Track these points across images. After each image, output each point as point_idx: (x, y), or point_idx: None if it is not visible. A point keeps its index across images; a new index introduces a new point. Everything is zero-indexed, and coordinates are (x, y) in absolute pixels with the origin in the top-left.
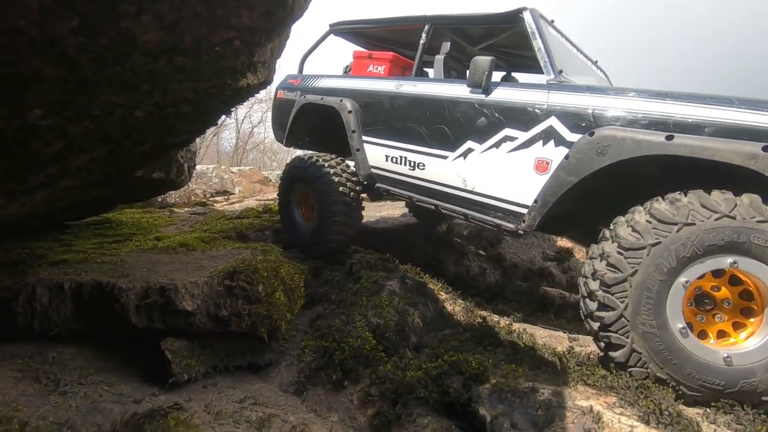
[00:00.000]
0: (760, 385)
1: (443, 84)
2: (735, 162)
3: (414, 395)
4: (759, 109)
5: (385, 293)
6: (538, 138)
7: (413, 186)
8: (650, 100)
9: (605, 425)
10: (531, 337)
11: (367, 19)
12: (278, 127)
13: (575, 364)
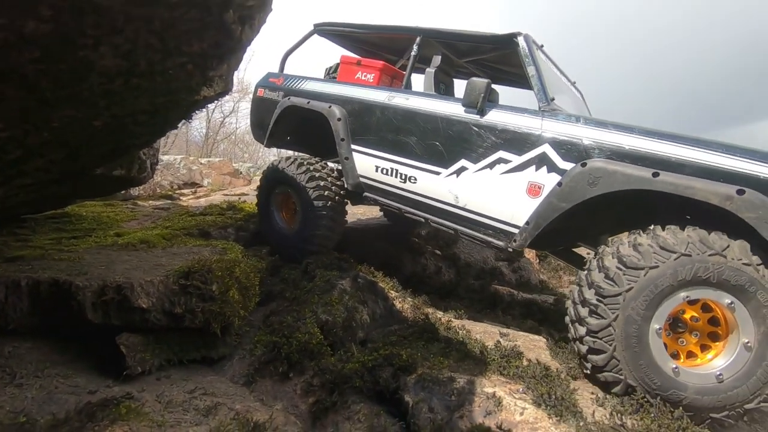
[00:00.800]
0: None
1: (437, 100)
2: (713, 202)
3: (350, 385)
4: (734, 155)
5: (336, 292)
6: (532, 163)
7: (403, 198)
8: (638, 137)
9: (503, 408)
10: (467, 333)
11: (355, 23)
12: (258, 125)
13: (499, 356)
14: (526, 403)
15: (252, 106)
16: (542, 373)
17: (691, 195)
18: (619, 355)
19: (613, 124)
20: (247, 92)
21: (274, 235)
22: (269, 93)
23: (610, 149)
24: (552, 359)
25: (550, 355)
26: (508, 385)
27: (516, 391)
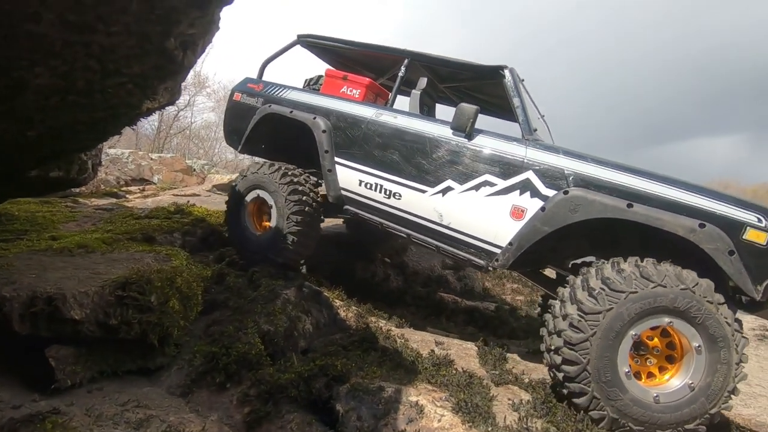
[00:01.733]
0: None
1: (425, 122)
2: (679, 233)
3: (285, 395)
4: (694, 192)
5: (279, 301)
6: (516, 188)
7: (386, 213)
8: (614, 170)
9: (425, 415)
10: (404, 341)
11: (341, 39)
12: (233, 130)
13: (431, 365)
14: (446, 410)
15: (227, 110)
16: (466, 380)
17: (661, 226)
18: (591, 368)
19: (591, 157)
20: (204, 86)
21: (242, 241)
22: (247, 98)
23: (588, 180)
24: (480, 367)
25: (479, 362)
26: (433, 393)
27: (439, 399)
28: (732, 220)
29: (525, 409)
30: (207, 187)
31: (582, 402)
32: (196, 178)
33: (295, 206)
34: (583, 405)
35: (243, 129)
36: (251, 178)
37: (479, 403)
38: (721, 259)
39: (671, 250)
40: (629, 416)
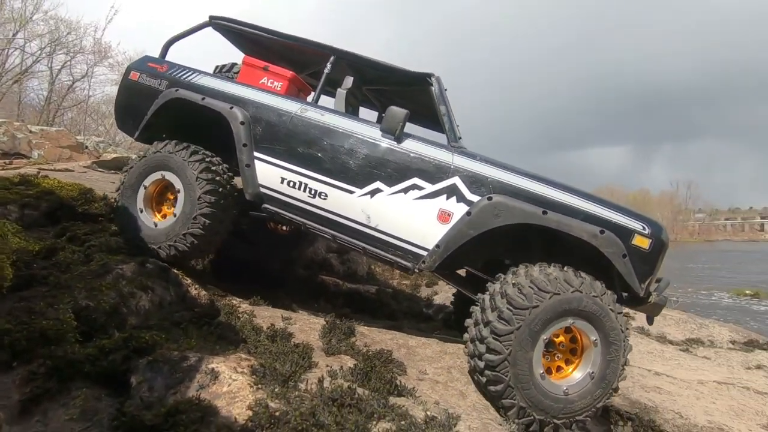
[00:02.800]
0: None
1: (354, 121)
2: (584, 238)
3: (78, 370)
4: (595, 203)
5: (111, 276)
6: (443, 192)
7: (310, 213)
8: (530, 180)
9: (218, 381)
10: (249, 317)
11: (261, 27)
12: (127, 113)
13: (265, 337)
14: (242, 375)
15: (121, 90)
16: (289, 350)
17: (569, 231)
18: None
19: (510, 167)
20: (105, 55)
21: (134, 229)
22: (147, 79)
23: (508, 188)
24: (319, 339)
25: (319, 335)
26: (244, 361)
27: (243, 367)
28: (624, 228)
29: (341, 374)
30: (86, 163)
31: (497, 390)
32: (88, 156)
33: (208, 186)
34: (497, 393)
35: (141, 113)
36: (154, 157)
37: (279, 367)
38: (617, 261)
39: (569, 252)
40: (537, 407)
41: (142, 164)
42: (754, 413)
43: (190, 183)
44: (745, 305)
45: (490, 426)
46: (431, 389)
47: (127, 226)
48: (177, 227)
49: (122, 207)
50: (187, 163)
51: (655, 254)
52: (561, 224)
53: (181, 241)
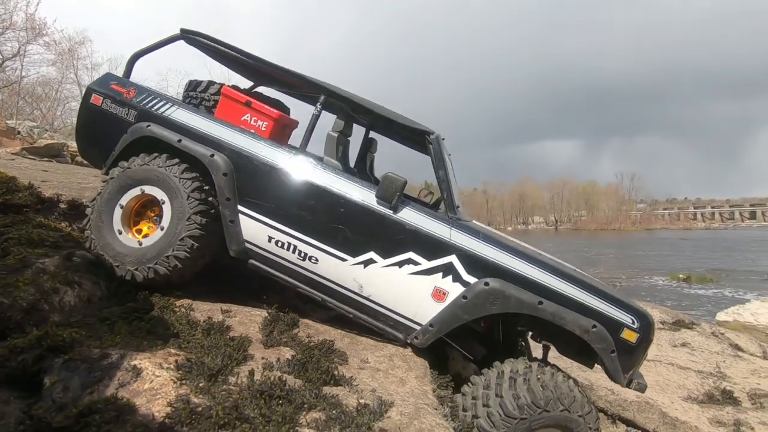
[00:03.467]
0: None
1: (348, 182)
2: (576, 332)
3: None
4: (589, 292)
5: (30, 271)
6: (439, 270)
7: (300, 275)
8: (527, 264)
9: (140, 378)
10: (186, 312)
11: (242, 50)
12: (89, 142)
13: (200, 331)
14: (167, 371)
15: (82, 115)
16: (223, 343)
17: (563, 324)
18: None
19: (510, 247)
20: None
21: (111, 249)
22: (112, 107)
23: (506, 272)
24: (258, 332)
25: (259, 328)
26: (172, 357)
27: (171, 362)
28: (615, 321)
29: (278, 366)
30: (15, 150)
31: None
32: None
33: (199, 206)
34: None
35: (105, 144)
36: (137, 171)
37: (208, 361)
38: (605, 357)
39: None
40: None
41: (120, 178)
42: (676, 387)
43: (179, 201)
44: (677, 288)
45: (423, 410)
46: (371, 377)
47: (104, 246)
48: (159, 245)
49: (97, 219)
50: (179, 180)
51: (642, 348)
52: (556, 317)
53: (163, 264)
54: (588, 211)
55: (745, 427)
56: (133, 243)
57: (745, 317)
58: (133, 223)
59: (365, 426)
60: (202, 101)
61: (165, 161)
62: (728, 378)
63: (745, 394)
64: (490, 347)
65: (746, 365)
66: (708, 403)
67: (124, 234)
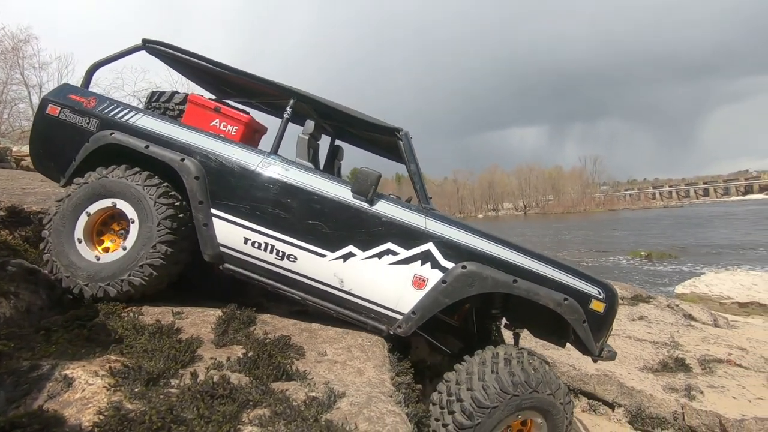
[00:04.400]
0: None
1: (322, 179)
2: (550, 305)
3: None
4: (558, 269)
5: None
6: (417, 258)
7: (278, 275)
8: (500, 246)
9: (72, 387)
10: (134, 316)
11: (207, 58)
12: (46, 154)
13: (147, 334)
14: (102, 379)
15: (38, 127)
16: (168, 346)
17: (537, 299)
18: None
19: (482, 233)
20: None
21: (72, 264)
22: (71, 116)
23: (480, 255)
24: (210, 332)
25: (212, 328)
26: (111, 363)
27: (108, 369)
28: (583, 293)
29: (228, 365)
30: None
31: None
32: None
33: (168, 211)
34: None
35: (63, 155)
36: (100, 183)
37: (147, 366)
38: (577, 327)
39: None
40: None
41: (82, 191)
42: (633, 358)
43: (146, 209)
44: (638, 265)
45: (375, 399)
46: (328, 370)
47: (64, 261)
48: (128, 258)
49: (57, 233)
50: (143, 188)
51: (609, 317)
52: (530, 293)
53: (137, 274)
54: (555, 195)
55: (695, 391)
56: (90, 256)
57: (701, 289)
58: (96, 233)
59: (312, 418)
60: (166, 111)
61: (125, 171)
62: (681, 347)
63: (696, 360)
64: (464, 340)
65: (698, 333)
66: (662, 371)
67: (83, 244)
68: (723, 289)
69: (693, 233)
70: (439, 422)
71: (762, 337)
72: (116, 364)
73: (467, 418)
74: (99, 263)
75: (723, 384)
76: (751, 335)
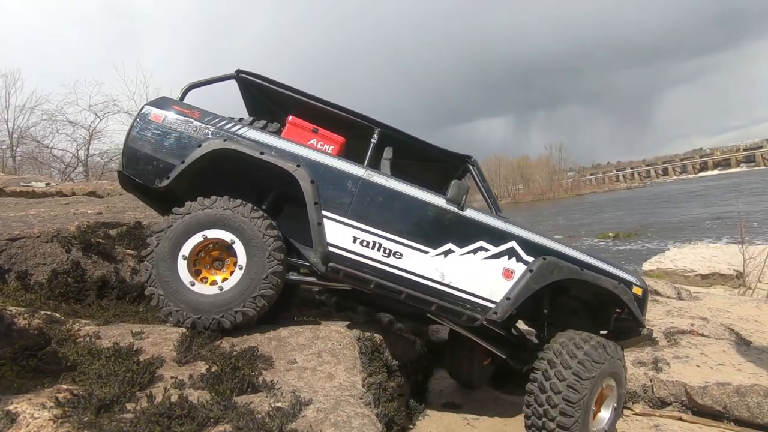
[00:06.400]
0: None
1: (417, 189)
2: (609, 288)
3: None
4: (608, 263)
5: None
6: (505, 253)
7: (383, 272)
8: (563, 245)
9: (17, 423)
10: (92, 340)
11: (295, 88)
12: (145, 158)
13: (104, 359)
14: (49, 411)
15: (138, 132)
16: (125, 369)
17: (599, 284)
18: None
19: (545, 235)
20: None
21: (182, 295)
22: (176, 124)
23: (552, 250)
24: (173, 350)
25: (175, 346)
26: (61, 393)
27: (51, 401)
28: (627, 281)
29: (190, 383)
30: None
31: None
32: None
33: (275, 242)
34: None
35: (167, 160)
36: (203, 214)
37: (100, 392)
38: (631, 304)
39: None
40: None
41: (182, 224)
42: None
43: (253, 241)
44: (607, 246)
45: (343, 403)
46: (298, 377)
47: (169, 291)
48: (243, 290)
49: (160, 268)
50: (250, 220)
51: (645, 299)
52: (595, 278)
53: (250, 305)
54: (524, 184)
55: (661, 363)
56: (203, 289)
57: (666, 264)
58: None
59: (276, 430)
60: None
61: (229, 203)
62: (647, 321)
63: (662, 333)
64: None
65: (662, 307)
66: (631, 346)
67: (186, 273)
68: (686, 263)
69: (657, 211)
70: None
71: (721, 306)
72: (65, 394)
73: (575, 392)
74: (211, 294)
75: (687, 354)
76: (712, 305)
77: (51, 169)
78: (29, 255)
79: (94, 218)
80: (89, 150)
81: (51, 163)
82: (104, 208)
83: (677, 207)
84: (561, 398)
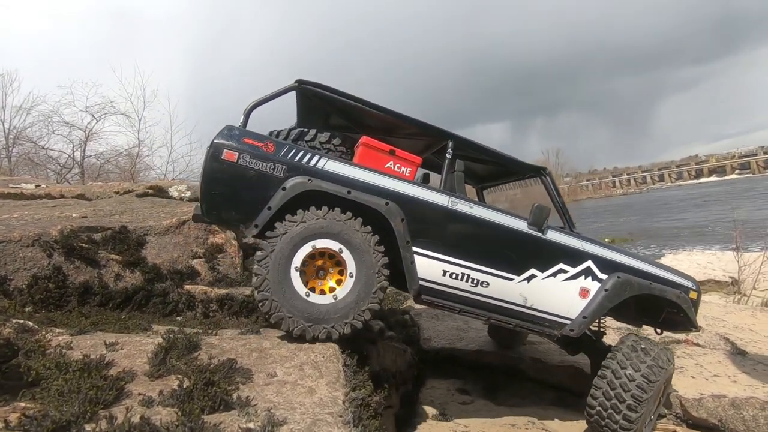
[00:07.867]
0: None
1: (500, 214)
2: (673, 299)
3: None
4: (670, 272)
5: None
6: (582, 273)
7: (470, 300)
8: (635, 259)
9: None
10: (61, 351)
11: (360, 98)
12: (227, 203)
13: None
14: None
15: (213, 174)
16: (90, 385)
17: (664, 295)
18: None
19: (619, 249)
20: None
21: (295, 303)
22: (253, 162)
23: (623, 265)
24: (146, 363)
25: (148, 358)
26: (15, 413)
27: (7, 422)
28: (686, 287)
29: (159, 400)
30: None
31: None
32: None
33: (383, 258)
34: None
35: (246, 201)
36: (313, 225)
37: (56, 413)
38: (688, 311)
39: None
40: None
41: (294, 233)
42: None
43: (364, 255)
44: None
45: (320, 422)
46: (277, 392)
47: (280, 298)
48: (356, 301)
49: (273, 278)
50: (361, 234)
51: (699, 302)
52: (662, 291)
53: (359, 318)
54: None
55: None
56: (318, 299)
57: None
58: (314, 274)
59: None
60: (328, 151)
61: (341, 215)
62: (643, 330)
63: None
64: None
65: None
66: None
67: (300, 282)
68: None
69: (653, 218)
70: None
71: (717, 314)
72: (18, 414)
73: (643, 391)
74: (326, 304)
75: (682, 364)
76: (707, 313)
77: (47, 170)
78: (9, 260)
79: (78, 222)
80: (85, 151)
81: (47, 165)
82: (90, 212)
83: (674, 213)
84: (630, 396)
